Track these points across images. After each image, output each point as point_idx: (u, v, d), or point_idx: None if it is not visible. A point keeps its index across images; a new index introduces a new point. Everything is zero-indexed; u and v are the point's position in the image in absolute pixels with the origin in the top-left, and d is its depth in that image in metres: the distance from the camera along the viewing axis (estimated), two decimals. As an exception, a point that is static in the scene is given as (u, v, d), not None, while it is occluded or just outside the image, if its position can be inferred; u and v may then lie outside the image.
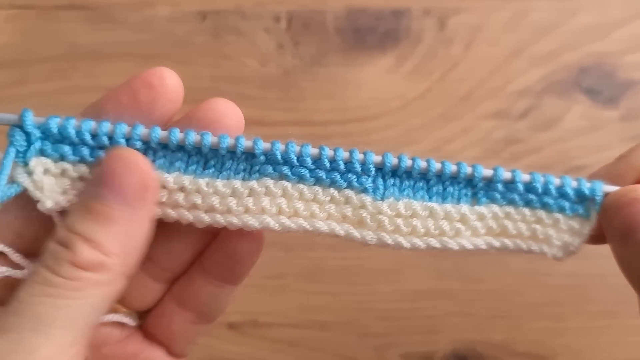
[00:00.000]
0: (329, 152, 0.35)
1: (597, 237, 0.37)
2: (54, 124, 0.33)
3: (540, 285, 0.62)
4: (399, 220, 0.35)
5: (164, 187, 0.34)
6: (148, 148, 0.34)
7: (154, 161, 0.34)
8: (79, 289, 0.30)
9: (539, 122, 0.64)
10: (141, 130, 0.33)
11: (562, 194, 0.36)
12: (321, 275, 0.62)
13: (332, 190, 0.35)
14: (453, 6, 0.66)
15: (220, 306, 0.40)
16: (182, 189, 0.34)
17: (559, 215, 0.37)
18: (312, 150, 0.35)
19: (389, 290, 0.62)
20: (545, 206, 0.37)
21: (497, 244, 0.37)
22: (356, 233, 0.35)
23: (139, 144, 0.34)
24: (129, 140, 0.33)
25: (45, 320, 0.29)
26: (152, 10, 0.65)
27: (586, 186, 0.36)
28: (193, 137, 0.34)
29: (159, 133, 0.34)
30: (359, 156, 0.35)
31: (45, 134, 0.33)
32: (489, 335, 0.61)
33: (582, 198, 0.37)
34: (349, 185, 0.35)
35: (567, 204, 0.37)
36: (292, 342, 0.61)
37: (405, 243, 0.35)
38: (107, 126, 0.33)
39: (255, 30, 0.65)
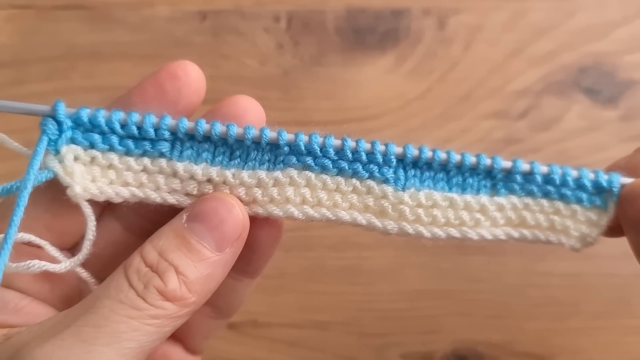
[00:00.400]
0: (351, 143, 0.35)
1: (614, 229, 0.37)
2: (85, 114, 0.34)
3: (540, 285, 0.62)
4: (420, 210, 0.36)
5: (192, 178, 0.35)
6: (176, 139, 0.35)
7: (181, 152, 0.35)
8: (158, 317, 0.31)
9: (539, 122, 0.64)
10: (169, 120, 0.35)
11: (579, 185, 0.37)
12: (321, 275, 0.62)
13: (354, 180, 0.36)
14: (452, 6, 0.66)
15: (238, 300, 0.41)
16: (209, 180, 0.35)
17: (576, 207, 0.37)
18: (335, 142, 0.35)
19: (388, 290, 0.62)
20: (563, 197, 0.37)
21: (515, 234, 0.37)
22: (378, 222, 0.36)
23: (167, 134, 0.35)
24: (157, 130, 0.35)
25: (120, 339, 0.30)
26: (151, 10, 0.65)
27: (604, 178, 0.37)
28: (219, 127, 0.35)
29: (186, 124, 0.35)
30: (380, 147, 0.36)
31: (76, 124, 0.35)
32: (488, 335, 0.61)
33: (599, 190, 0.37)
34: (371, 176, 0.36)
35: (584, 196, 0.37)
36: (291, 342, 0.61)
37: (426, 232, 0.36)
38: (136, 116, 0.35)
39: (255, 30, 0.65)
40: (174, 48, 0.65)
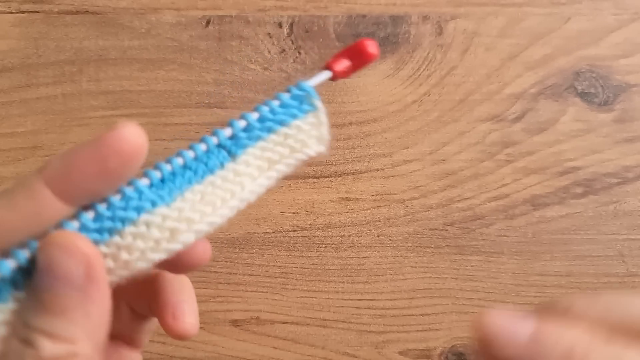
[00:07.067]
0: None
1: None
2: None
3: (535, 284, 0.63)
4: (192, 210, 0.34)
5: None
6: None
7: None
8: None
9: (534, 125, 0.65)
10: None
11: (286, 106, 0.38)
12: (321, 274, 0.63)
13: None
14: (451, 12, 0.67)
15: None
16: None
17: (298, 122, 0.38)
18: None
19: (387, 289, 0.63)
20: (283, 123, 0.38)
21: (274, 174, 0.38)
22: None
23: None
24: None
25: None
26: (157, 16, 0.66)
27: (295, 88, 0.38)
28: None
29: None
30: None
31: None
32: (485, 333, 0.62)
33: (301, 99, 0.38)
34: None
35: (295, 111, 0.38)
36: (293, 339, 0.62)
37: (205, 227, 0.34)
38: None
39: (258, 35, 0.66)
40: (179, 53, 0.66)
